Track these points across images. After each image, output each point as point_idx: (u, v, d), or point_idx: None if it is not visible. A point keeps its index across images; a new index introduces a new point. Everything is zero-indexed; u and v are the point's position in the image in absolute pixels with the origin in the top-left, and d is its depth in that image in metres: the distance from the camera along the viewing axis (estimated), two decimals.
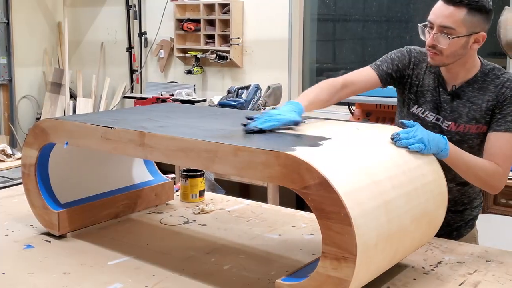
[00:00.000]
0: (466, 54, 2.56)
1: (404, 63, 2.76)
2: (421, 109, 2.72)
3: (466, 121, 2.60)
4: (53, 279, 2.26)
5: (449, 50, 2.51)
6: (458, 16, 2.46)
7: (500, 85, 2.57)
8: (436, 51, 2.54)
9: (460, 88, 2.63)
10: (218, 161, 2.05)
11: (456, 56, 2.54)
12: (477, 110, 2.58)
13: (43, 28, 7.94)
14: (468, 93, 2.62)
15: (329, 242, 1.80)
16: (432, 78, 2.71)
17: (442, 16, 2.48)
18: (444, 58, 2.54)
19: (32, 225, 2.80)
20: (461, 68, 2.62)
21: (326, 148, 1.99)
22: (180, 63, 7.22)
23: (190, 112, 2.83)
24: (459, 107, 2.63)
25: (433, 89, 2.70)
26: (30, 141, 2.67)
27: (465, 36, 2.50)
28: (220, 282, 2.22)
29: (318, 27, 6.50)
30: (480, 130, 2.59)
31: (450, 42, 2.48)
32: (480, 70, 2.63)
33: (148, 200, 3.04)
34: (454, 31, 2.47)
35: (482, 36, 2.55)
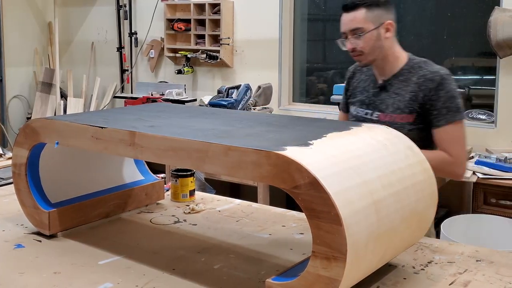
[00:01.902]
0: (385, 46, 2.89)
1: (346, 83, 3.20)
2: (353, 108, 3.08)
3: (392, 111, 2.89)
4: (44, 279, 2.25)
5: (367, 46, 2.86)
6: (360, 17, 2.84)
7: (422, 77, 2.85)
8: (358, 52, 2.90)
9: (387, 81, 2.95)
10: (208, 160, 2.04)
11: (375, 49, 2.87)
12: (401, 100, 2.87)
13: (33, 28, 7.93)
14: (394, 85, 2.92)
15: (319, 242, 1.80)
16: (364, 80, 3.08)
17: (348, 22, 2.87)
18: (367, 55, 2.89)
19: (23, 224, 2.79)
20: (385, 62, 2.93)
21: (317, 147, 1.99)
22: (170, 63, 7.22)
23: (180, 112, 2.83)
24: (386, 99, 2.93)
25: (363, 89, 3.06)
26: (21, 141, 2.66)
27: (375, 29, 2.84)
28: (211, 282, 2.22)
29: (308, 27, 6.51)
30: (405, 120, 2.86)
31: (364, 39, 2.85)
32: (406, 63, 2.93)
33: (138, 200, 3.03)
34: (363, 29, 2.84)
35: (390, 24, 2.88)
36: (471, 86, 5.63)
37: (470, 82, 5.66)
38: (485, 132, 5.24)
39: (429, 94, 2.80)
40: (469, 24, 5.61)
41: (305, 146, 1.98)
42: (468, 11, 5.59)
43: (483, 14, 5.23)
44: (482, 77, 5.62)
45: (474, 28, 5.53)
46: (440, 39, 5.72)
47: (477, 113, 5.34)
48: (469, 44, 5.69)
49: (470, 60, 5.71)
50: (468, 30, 5.63)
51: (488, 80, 5.46)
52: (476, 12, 5.49)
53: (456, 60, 5.72)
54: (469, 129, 5.20)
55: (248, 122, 2.47)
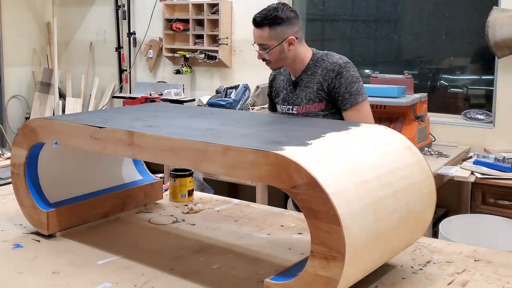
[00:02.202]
0: (290, 55, 3.17)
1: (269, 86, 3.54)
2: (279, 106, 3.39)
3: (306, 103, 3.22)
4: (43, 279, 2.25)
5: (272, 58, 3.17)
6: (264, 35, 3.12)
7: (325, 68, 3.17)
8: (266, 61, 3.21)
9: (298, 78, 3.26)
10: (207, 160, 2.04)
11: (281, 59, 3.18)
12: (311, 92, 3.20)
13: (32, 28, 7.92)
14: (304, 80, 3.24)
15: (317, 242, 1.80)
16: (282, 80, 3.40)
17: (256, 37, 3.16)
18: (274, 64, 3.22)
19: (22, 224, 2.79)
20: (294, 64, 3.24)
21: (315, 147, 1.99)
22: (169, 63, 7.21)
23: (179, 112, 2.83)
24: (299, 93, 3.25)
25: (283, 88, 3.38)
26: (20, 141, 2.66)
27: (278, 45, 3.12)
28: (209, 282, 2.22)
29: (306, 27, 6.51)
30: (318, 108, 3.19)
31: (269, 53, 3.14)
32: (311, 59, 3.24)
33: (137, 200, 3.04)
34: (267, 45, 3.13)
35: (292, 39, 3.14)
36: (469, 86, 5.63)
37: (468, 82, 5.66)
38: (484, 132, 5.24)
39: (332, 83, 3.13)
40: (467, 24, 5.61)
41: (304, 146, 1.98)
42: (466, 11, 5.59)
43: (481, 14, 5.23)
44: (480, 77, 5.61)
45: (472, 28, 5.52)
46: (438, 39, 5.72)
47: (475, 113, 5.34)
48: (467, 44, 5.68)
49: (468, 60, 5.71)
50: (466, 30, 5.63)
51: (486, 80, 5.45)
52: (474, 12, 5.49)
53: (454, 60, 5.71)
54: (468, 129, 5.27)
55: (246, 122, 2.47)
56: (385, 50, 6.18)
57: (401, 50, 6.06)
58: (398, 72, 5.61)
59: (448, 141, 5.28)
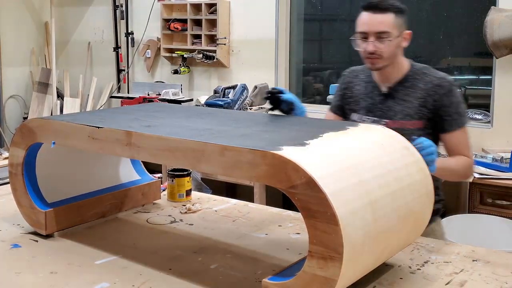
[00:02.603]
0: (398, 53, 2.89)
1: (341, 89, 3.16)
2: (358, 116, 3.02)
3: (401, 118, 2.88)
4: (40, 279, 2.24)
5: (388, 51, 2.83)
6: (389, 21, 2.80)
7: (429, 83, 2.86)
8: (376, 55, 2.84)
9: (393, 88, 2.93)
10: (204, 160, 2.04)
11: (393, 56, 2.86)
12: (410, 107, 2.87)
13: (30, 28, 7.91)
14: (401, 92, 2.91)
15: (315, 242, 1.80)
16: (364, 86, 3.04)
17: (376, 23, 2.81)
18: (385, 60, 2.85)
19: (19, 224, 2.78)
20: (392, 68, 2.91)
21: (313, 147, 1.98)
22: (167, 63, 7.21)
23: (177, 112, 2.83)
24: (394, 106, 2.91)
25: (366, 95, 3.02)
26: (17, 141, 2.66)
27: (398, 37, 2.83)
28: (207, 282, 2.21)
29: (304, 27, 6.51)
30: (416, 126, 2.86)
31: (387, 44, 2.81)
32: (410, 70, 2.93)
33: (135, 200, 3.03)
34: (390, 34, 2.80)
35: (408, 34, 2.90)
36: (467, 86, 5.64)
37: (466, 82, 5.66)
38: (482, 132, 5.24)
39: (439, 100, 2.83)
40: (465, 24, 5.61)
41: (302, 146, 1.97)
42: (464, 11, 5.59)
43: (479, 14, 5.23)
44: (479, 77, 5.62)
45: (470, 28, 5.53)
46: (436, 39, 5.72)
47: (473, 113, 5.34)
48: (465, 44, 5.69)
49: (466, 60, 5.71)
50: (464, 30, 5.63)
51: (485, 80, 5.46)
52: (472, 12, 5.49)
53: (452, 60, 5.72)
54: None
55: (244, 122, 2.46)
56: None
57: None
58: None
59: None
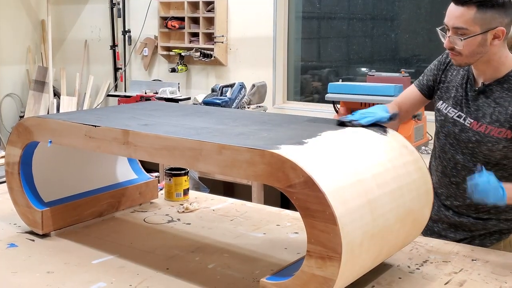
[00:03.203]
0: (489, 51, 2.46)
1: (438, 68, 2.76)
2: (444, 105, 2.68)
3: (489, 122, 2.50)
4: (37, 278, 2.24)
5: (467, 50, 2.45)
6: (468, 16, 2.40)
7: None
8: (455, 52, 2.49)
9: (489, 86, 2.54)
10: (202, 159, 2.04)
11: (476, 54, 2.46)
12: (502, 113, 2.48)
13: (26, 26, 7.89)
14: (496, 93, 2.51)
15: (314, 241, 1.80)
16: (462, 75, 2.66)
17: (454, 17, 2.44)
18: (465, 58, 2.48)
19: (16, 224, 2.78)
20: (487, 65, 2.52)
21: (311, 146, 1.98)
22: (164, 61, 7.19)
23: (174, 111, 2.82)
24: (484, 106, 2.53)
25: (459, 86, 2.64)
26: (14, 140, 2.66)
27: (480, 34, 2.41)
28: (204, 281, 2.21)
29: (303, 25, 6.50)
30: (503, 135, 2.47)
31: (465, 43, 2.42)
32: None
33: (132, 199, 3.03)
34: (467, 30, 2.41)
35: (501, 31, 2.42)
36: None
37: None
38: None
39: None
40: None
41: (300, 144, 1.97)
42: None
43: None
44: None
45: None
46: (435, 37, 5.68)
47: None
48: None
49: None
50: None
51: None
52: None
53: None
54: None
55: (242, 121, 2.46)
56: (382, 48, 6.17)
57: (397, 48, 6.05)
58: (395, 70, 5.60)
59: None
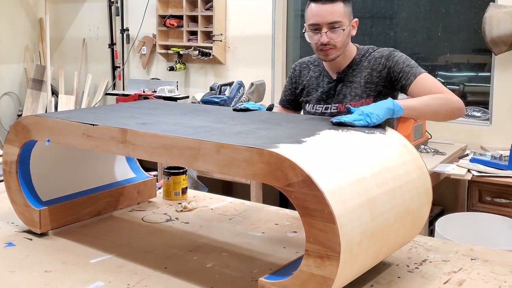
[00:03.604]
0: (348, 42, 2.91)
1: (291, 83, 3.16)
2: (310, 106, 3.04)
3: (350, 99, 2.91)
4: (35, 277, 2.24)
5: (341, 41, 2.83)
6: (339, 10, 2.80)
7: (372, 59, 2.90)
8: (330, 46, 2.83)
9: (343, 73, 2.96)
10: (200, 158, 2.03)
11: (345, 45, 2.88)
12: (357, 87, 2.90)
13: (24, 24, 7.88)
14: (349, 75, 2.94)
15: (312, 240, 1.79)
16: (315, 76, 3.05)
17: (327, 14, 2.80)
18: (338, 50, 2.86)
19: (14, 223, 2.78)
20: (343, 56, 2.92)
21: (310, 145, 1.98)
22: (162, 60, 7.18)
23: (172, 109, 2.82)
24: (343, 89, 2.94)
25: (316, 85, 3.04)
26: (12, 138, 2.65)
27: (348, 26, 2.85)
28: (203, 280, 2.20)
29: (301, 23, 6.48)
30: (365, 105, 2.74)
31: (340, 34, 2.81)
32: (357, 53, 2.96)
33: (130, 198, 3.02)
34: (342, 23, 2.81)
35: (356, 22, 2.93)
36: (466, 83, 5.62)
37: (464, 79, 5.64)
38: (480, 130, 5.23)
39: (383, 67, 2.85)
40: (463, 20, 5.59)
41: (298, 143, 1.97)
42: (463, 7, 5.57)
43: (478, 10, 5.22)
44: (477, 74, 5.60)
45: (468, 25, 5.51)
46: (434, 35, 5.70)
47: (472, 110, 5.32)
48: (464, 40, 5.67)
49: (465, 57, 5.69)
50: (463, 27, 5.61)
51: (483, 77, 5.44)
52: (471, 8, 5.47)
53: (451, 57, 5.70)
54: (464, 127, 5.25)
55: (240, 120, 2.45)
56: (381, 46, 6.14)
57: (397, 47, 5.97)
58: None
59: (445, 139, 5.26)
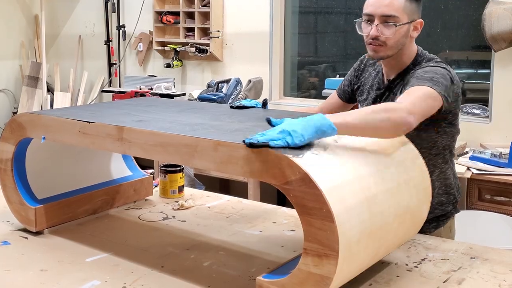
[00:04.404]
0: (406, 44, 2.57)
1: (353, 74, 2.85)
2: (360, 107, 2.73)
3: None
4: (30, 276, 2.23)
5: (393, 39, 2.51)
6: (398, 4, 2.49)
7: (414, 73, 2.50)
8: (380, 42, 2.52)
9: (393, 81, 2.63)
10: (197, 156, 2.03)
11: (399, 45, 2.54)
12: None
13: (19, 21, 7.86)
14: (398, 86, 2.60)
15: (310, 239, 1.78)
16: (373, 77, 2.74)
17: (383, 5, 2.49)
18: (388, 48, 2.53)
19: (9, 221, 2.77)
20: (398, 60, 2.60)
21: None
22: (159, 57, 7.17)
23: (169, 107, 2.82)
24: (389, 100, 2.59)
25: (370, 87, 2.73)
26: (7, 136, 2.64)
27: (407, 24, 2.52)
28: (200, 279, 2.20)
29: (299, 19, 6.48)
30: None
31: (393, 30, 2.49)
32: (412, 61, 2.61)
33: (126, 196, 3.02)
34: (398, 19, 2.49)
35: (420, 23, 2.58)
36: (465, 80, 5.61)
37: (464, 76, 5.63)
38: (480, 127, 5.21)
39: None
40: (463, 17, 5.58)
41: None
42: (462, 3, 5.56)
43: (477, 6, 5.21)
44: (477, 70, 5.59)
45: (468, 21, 5.50)
46: (434, 32, 5.69)
47: (472, 107, 5.30)
48: (463, 37, 5.66)
49: (464, 54, 5.68)
50: (462, 23, 5.60)
51: (483, 74, 5.43)
52: (470, 4, 5.46)
53: (450, 54, 5.69)
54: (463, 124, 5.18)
55: (238, 117, 2.45)
56: None
57: None
58: None
59: None
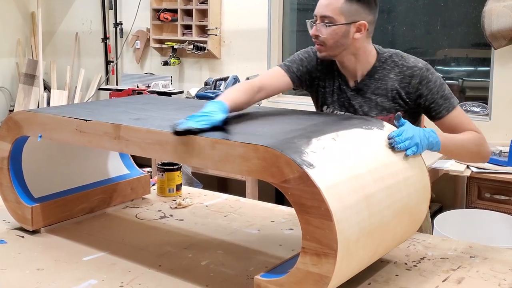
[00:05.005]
0: (351, 45, 2.57)
1: (312, 64, 2.76)
2: (329, 109, 2.74)
3: (377, 113, 2.60)
4: (27, 275, 2.23)
5: (331, 39, 2.53)
6: (335, 5, 2.50)
7: (401, 73, 2.58)
8: (320, 42, 2.56)
9: (362, 82, 2.64)
10: (195, 154, 2.02)
11: (339, 46, 2.55)
12: (384, 101, 2.59)
13: (16, 18, 7.85)
14: (371, 86, 2.62)
15: (309, 237, 1.78)
16: (333, 77, 2.73)
17: (322, 6, 2.53)
18: (328, 48, 2.56)
19: (5, 220, 2.76)
20: (356, 60, 2.63)
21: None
22: (156, 54, 7.16)
23: (166, 104, 2.82)
24: (366, 101, 2.63)
25: (337, 88, 2.71)
26: (3, 134, 2.64)
27: (344, 25, 2.52)
28: (198, 278, 2.19)
29: (298, 17, 6.47)
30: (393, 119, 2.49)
31: (330, 31, 2.52)
32: (377, 59, 2.64)
33: (124, 195, 3.01)
34: (333, 19, 2.51)
35: (363, 25, 2.56)
36: (465, 78, 5.60)
37: (463, 74, 5.63)
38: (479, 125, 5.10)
39: (415, 91, 2.55)
40: (462, 14, 5.57)
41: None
42: (462, 1, 5.56)
43: (477, 4, 5.20)
44: (476, 68, 5.59)
45: (467, 18, 5.49)
46: (433, 29, 5.69)
47: (471, 105, 5.29)
48: (463, 34, 5.65)
49: (464, 51, 5.68)
50: (462, 20, 5.60)
51: (482, 72, 5.42)
52: (470, 2, 5.45)
53: (450, 51, 5.68)
54: None
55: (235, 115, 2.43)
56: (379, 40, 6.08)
57: (395, 41, 6.02)
58: None
59: None
